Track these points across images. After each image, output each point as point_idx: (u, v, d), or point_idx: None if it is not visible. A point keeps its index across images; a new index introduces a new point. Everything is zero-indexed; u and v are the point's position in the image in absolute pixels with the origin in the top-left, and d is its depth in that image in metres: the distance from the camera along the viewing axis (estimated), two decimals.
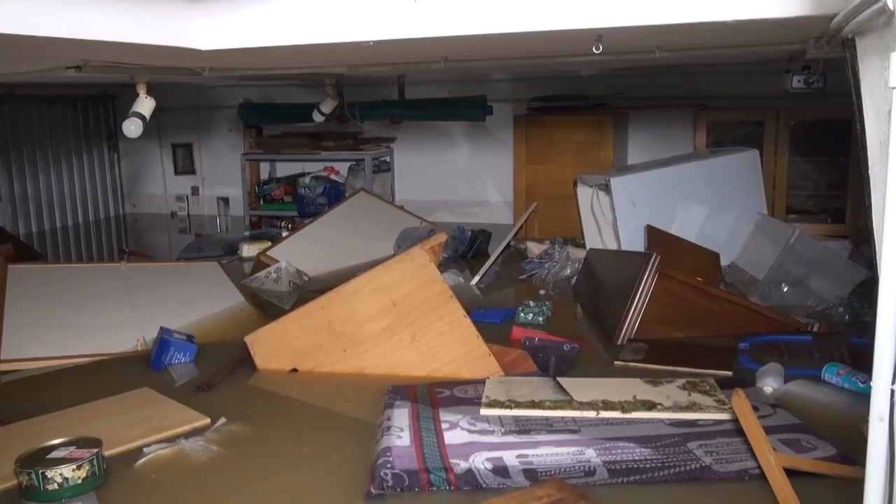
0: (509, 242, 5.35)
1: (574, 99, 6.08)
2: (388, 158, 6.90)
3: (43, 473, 2.14)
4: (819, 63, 3.61)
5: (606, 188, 4.72)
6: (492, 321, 3.71)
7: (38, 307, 3.84)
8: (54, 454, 2.24)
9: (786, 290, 3.95)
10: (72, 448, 2.27)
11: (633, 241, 4.51)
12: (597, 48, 2.50)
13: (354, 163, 6.69)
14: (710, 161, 4.92)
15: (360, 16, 2.15)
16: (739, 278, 4.32)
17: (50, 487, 2.14)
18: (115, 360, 3.47)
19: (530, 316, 3.82)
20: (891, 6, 1.08)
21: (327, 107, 5.19)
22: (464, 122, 6.54)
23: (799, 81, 3.92)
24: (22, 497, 2.17)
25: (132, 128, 3.07)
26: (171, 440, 2.53)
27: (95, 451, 2.25)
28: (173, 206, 7.76)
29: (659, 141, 6.08)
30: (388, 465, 2.23)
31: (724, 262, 4.44)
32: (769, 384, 2.86)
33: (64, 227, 7.33)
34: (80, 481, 2.18)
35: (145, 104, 3.10)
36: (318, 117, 5.38)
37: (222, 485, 2.31)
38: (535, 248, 5.14)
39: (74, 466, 2.17)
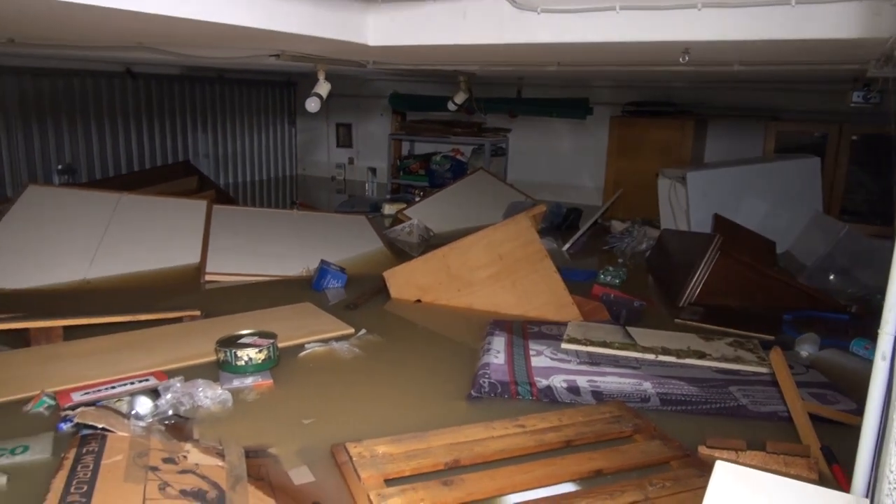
0: (597, 219, 5.31)
1: (663, 105, 5.93)
2: (504, 145, 6.93)
3: (234, 353, 2.34)
4: (878, 81, 3.39)
5: (683, 181, 4.62)
6: (577, 279, 3.73)
7: (232, 237, 4.13)
8: (243, 340, 2.44)
9: (832, 278, 3.77)
10: (255, 337, 2.48)
11: (702, 227, 4.39)
12: (683, 58, 2.46)
13: (477, 147, 6.75)
14: (776, 164, 4.71)
15: (494, 22, 2.19)
16: (791, 264, 4.16)
17: (238, 363, 2.35)
18: (285, 280, 3.68)
19: (609, 278, 3.82)
20: None
21: (459, 98, 5.25)
22: (568, 119, 6.48)
23: (858, 97, 3.69)
24: (219, 368, 2.39)
25: (312, 105, 3.24)
26: (324, 341, 2.71)
27: (271, 341, 2.45)
28: (333, 172, 8.04)
29: (732, 144, 5.85)
30: (486, 376, 2.34)
31: (779, 250, 4.28)
32: (805, 349, 2.79)
33: (252, 181, 7.76)
34: (259, 361, 2.37)
35: (323, 87, 3.27)
36: (451, 107, 5.45)
37: (360, 377, 2.47)
38: (618, 226, 5.10)
39: (257, 350, 2.37)
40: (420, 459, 1.76)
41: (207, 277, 3.60)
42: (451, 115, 6.46)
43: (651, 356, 2.60)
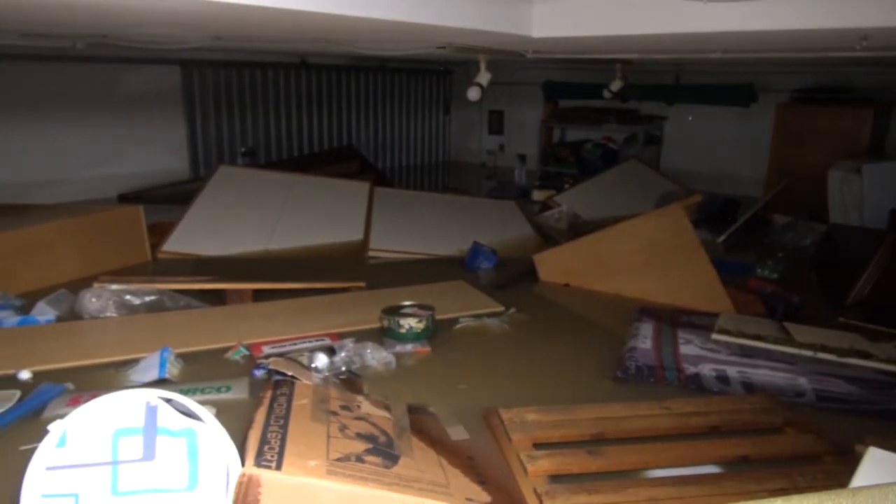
0: (756, 211, 5.07)
1: (837, 91, 5.50)
2: (658, 133, 6.77)
3: (397, 321, 2.56)
4: None
5: (858, 173, 4.31)
6: (731, 271, 3.62)
7: (391, 217, 4.43)
8: (404, 311, 2.66)
9: None
10: (415, 308, 2.68)
11: (876, 224, 4.09)
12: (860, 45, 2.34)
13: (630, 135, 6.65)
14: None
15: (658, 12, 2.21)
16: None
17: (400, 331, 2.56)
18: (440, 259, 3.89)
19: (766, 272, 3.68)
20: None
21: (615, 86, 5.20)
22: (729, 106, 6.20)
23: None
24: (383, 334, 2.61)
25: (473, 94, 3.41)
26: (477, 317, 2.87)
27: (430, 312, 2.64)
28: (484, 158, 8.23)
29: None
30: (633, 359, 2.40)
31: None
32: None
33: (407, 165, 8.15)
34: (419, 330, 2.57)
35: (484, 76, 3.42)
36: (606, 95, 5.42)
37: (509, 351, 2.61)
38: (779, 219, 4.84)
39: (417, 320, 2.57)
40: (567, 429, 1.88)
41: (370, 253, 3.90)
42: (604, 103, 6.40)
43: (809, 353, 2.51)
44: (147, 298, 2.79)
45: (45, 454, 1.30)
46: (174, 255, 3.70)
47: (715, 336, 2.65)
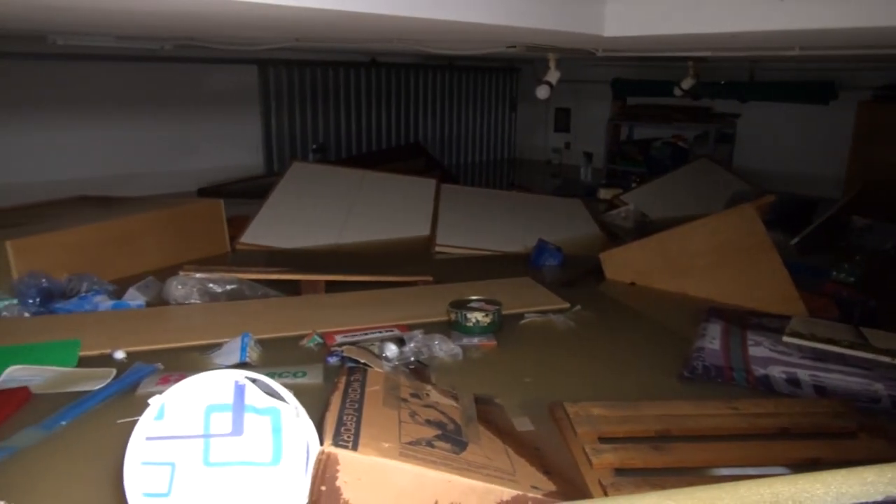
0: (834, 213, 4.90)
1: None
2: (731, 131, 6.60)
3: (465, 314, 2.63)
4: None
5: None
6: (805, 274, 3.53)
7: (457, 213, 4.48)
8: (471, 305, 2.72)
9: None
10: (482, 303, 2.74)
11: None
12: None
13: (701, 133, 6.52)
14: None
15: (734, 10, 2.18)
16: None
17: (467, 324, 2.63)
18: (505, 256, 3.93)
19: (843, 275, 3.56)
20: None
21: (686, 84, 5.12)
22: (807, 104, 6.00)
23: None
24: (450, 327, 2.68)
25: (542, 92, 3.43)
26: (542, 313, 2.90)
27: (497, 307, 2.70)
28: (549, 156, 8.20)
29: None
30: (700, 359, 2.38)
31: None
32: None
33: (472, 162, 8.21)
34: (485, 324, 2.63)
35: (554, 75, 3.44)
36: (677, 93, 5.33)
37: (574, 347, 2.64)
38: (858, 221, 4.66)
39: (483, 314, 2.63)
40: (632, 424, 1.90)
41: (437, 249, 3.98)
42: (675, 100, 6.29)
43: (887, 359, 2.44)
44: (228, 287, 2.94)
45: (145, 426, 1.42)
46: (251, 247, 3.87)
47: (786, 339, 2.60)
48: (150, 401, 1.43)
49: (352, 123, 6.80)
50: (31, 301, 2.77)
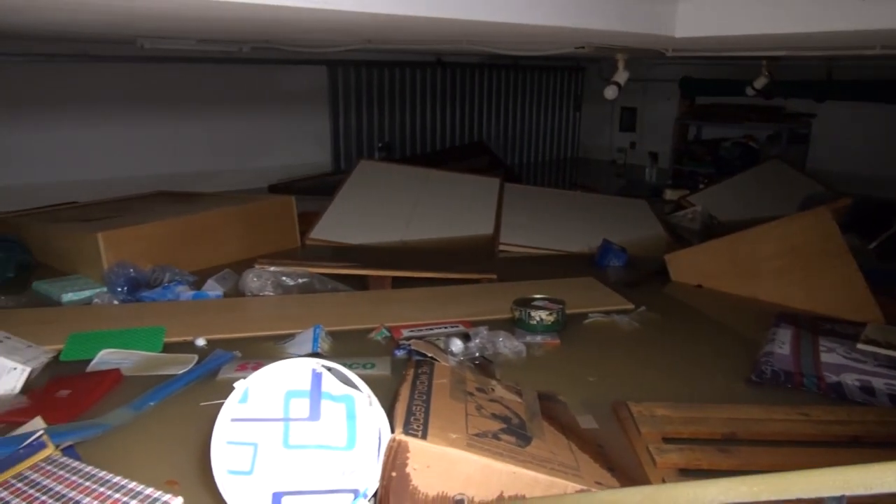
0: None
1: None
2: (805, 131, 6.38)
3: (529, 312, 2.66)
4: None
5: None
6: (883, 280, 3.39)
7: (520, 212, 4.51)
8: (535, 303, 2.74)
9: None
10: (546, 301, 2.76)
11: None
12: None
13: (773, 133, 6.33)
14: None
15: (810, 8, 2.14)
16: None
17: (531, 322, 2.65)
18: (568, 256, 3.93)
19: None
20: None
21: (759, 83, 4.98)
22: (890, 104, 5.74)
23: None
24: (514, 324, 2.71)
25: (610, 92, 3.41)
26: (606, 313, 2.90)
27: (561, 306, 2.72)
28: (614, 155, 8.11)
29: None
30: (769, 364, 2.35)
31: None
32: None
33: (535, 161, 8.20)
34: (549, 323, 2.65)
35: (622, 75, 3.42)
36: (749, 92, 5.20)
37: (638, 348, 2.63)
38: None
39: (547, 312, 2.65)
40: (697, 426, 1.90)
41: (500, 247, 4.02)
42: (746, 99, 6.13)
43: None
44: (300, 280, 3.06)
45: (230, 408, 1.51)
46: (319, 243, 4.00)
47: (861, 346, 2.53)
48: (235, 385, 1.53)
49: (417, 122, 6.90)
50: (119, 289, 2.95)
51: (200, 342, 2.50)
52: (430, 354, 2.11)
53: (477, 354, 2.38)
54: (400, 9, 1.88)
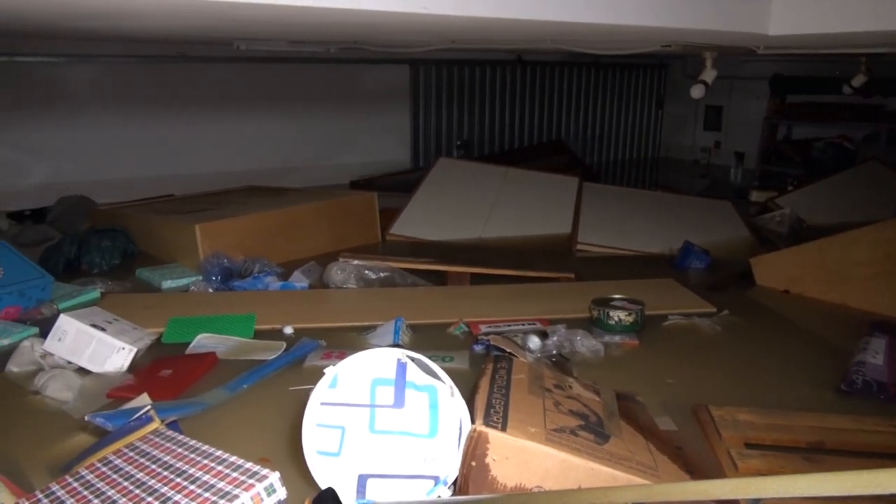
0: None
1: None
2: None
3: (607, 312, 2.65)
4: None
5: None
6: None
7: (599, 212, 4.47)
8: (614, 303, 2.73)
9: None
10: (625, 302, 2.75)
11: None
12: None
13: (870, 133, 6.02)
14: None
15: None
16: None
17: (610, 322, 2.65)
18: (648, 256, 3.87)
19: None
20: None
21: (857, 81, 4.75)
22: None
23: None
24: (592, 324, 2.71)
25: (697, 91, 3.33)
26: (686, 315, 2.85)
27: (640, 307, 2.69)
28: (697, 155, 7.90)
29: None
30: (860, 373, 2.26)
31: None
32: None
33: (614, 160, 8.08)
34: (627, 323, 2.63)
35: (710, 74, 3.34)
36: (846, 90, 4.96)
37: (720, 352, 2.58)
38: None
39: (626, 313, 2.64)
40: (781, 433, 1.85)
41: (578, 247, 4.00)
42: (841, 98, 5.84)
43: None
44: (381, 274, 3.16)
45: (320, 392, 1.60)
46: (399, 238, 4.10)
47: None
48: (325, 370, 1.61)
49: (495, 120, 6.93)
50: (213, 278, 3.13)
51: (288, 330, 2.62)
52: (508, 350, 2.15)
53: (554, 352, 2.40)
54: (489, 11, 1.92)
